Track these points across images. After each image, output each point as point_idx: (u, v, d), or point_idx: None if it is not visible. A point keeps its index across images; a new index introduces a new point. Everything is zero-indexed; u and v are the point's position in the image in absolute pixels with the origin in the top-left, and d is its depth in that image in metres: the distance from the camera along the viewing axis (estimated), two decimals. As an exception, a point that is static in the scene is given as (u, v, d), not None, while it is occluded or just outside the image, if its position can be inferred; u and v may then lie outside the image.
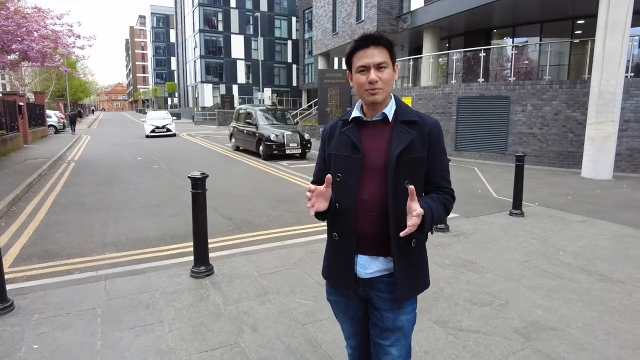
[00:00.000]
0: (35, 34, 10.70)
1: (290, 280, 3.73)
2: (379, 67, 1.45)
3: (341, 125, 1.59)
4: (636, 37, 11.89)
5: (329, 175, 1.44)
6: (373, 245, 1.51)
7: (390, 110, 1.52)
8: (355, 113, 1.55)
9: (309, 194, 1.44)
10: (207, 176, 3.75)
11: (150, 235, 5.27)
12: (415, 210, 1.34)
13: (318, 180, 1.67)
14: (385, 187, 1.46)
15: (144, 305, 3.28)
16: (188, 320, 3.06)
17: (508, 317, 3.13)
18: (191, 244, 3.98)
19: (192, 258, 3.95)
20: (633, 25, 10.22)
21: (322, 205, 1.47)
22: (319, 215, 1.51)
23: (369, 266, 1.53)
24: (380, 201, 1.47)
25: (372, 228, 1.49)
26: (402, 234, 1.36)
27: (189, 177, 3.69)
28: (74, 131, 25.52)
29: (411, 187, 1.36)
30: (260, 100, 39.81)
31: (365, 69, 1.46)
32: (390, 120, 1.52)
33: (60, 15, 11.79)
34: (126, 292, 3.51)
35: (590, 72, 10.29)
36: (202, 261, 3.83)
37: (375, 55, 1.45)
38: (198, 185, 3.66)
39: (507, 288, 3.66)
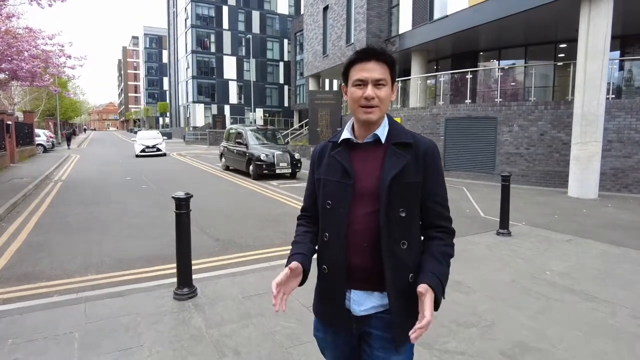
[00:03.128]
0: (26, 54, 10.72)
1: (274, 302, 3.68)
2: (377, 83, 1.35)
3: (330, 147, 1.48)
4: (616, 61, 12.29)
5: (292, 264, 1.36)
6: (366, 279, 1.38)
7: (383, 131, 1.41)
8: (346, 134, 1.44)
9: (274, 291, 1.32)
10: (191, 196, 3.73)
11: (135, 257, 5.18)
12: (424, 317, 1.23)
13: (307, 206, 1.61)
14: (377, 214, 1.34)
15: (124, 328, 3.20)
16: (169, 344, 2.99)
17: (494, 338, 3.11)
18: (176, 265, 3.92)
19: (176, 280, 3.88)
20: (613, 49, 10.59)
21: (295, 285, 1.40)
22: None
23: (363, 303, 1.40)
24: (373, 231, 1.35)
25: (365, 260, 1.36)
26: (412, 337, 1.23)
27: (172, 197, 3.66)
28: (69, 147, 30.14)
29: (419, 289, 1.26)
30: (252, 120, 40.04)
31: (362, 83, 1.36)
32: (382, 142, 1.40)
33: (51, 35, 11.85)
34: (106, 314, 3.42)
35: (573, 94, 10.57)
36: (185, 283, 3.77)
37: (375, 70, 1.35)
38: (182, 205, 3.63)
39: (494, 308, 3.64)
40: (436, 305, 1.30)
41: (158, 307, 3.58)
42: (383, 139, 1.40)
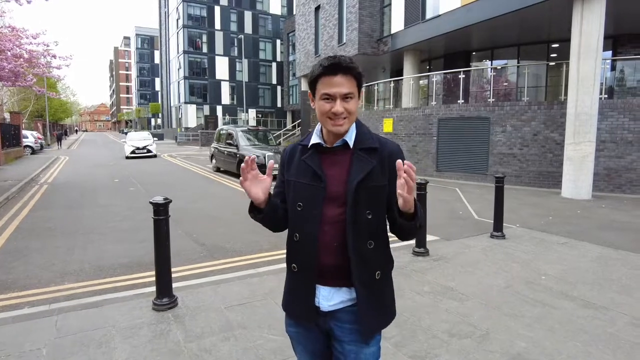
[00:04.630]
0: (8, 53, 10.42)
1: (259, 313, 3.49)
2: (345, 97, 1.36)
3: (300, 150, 1.51)
4: (608, 61, 12.25)
5: (271, 162, 1.41)
6: (335, 276, 1.43)
7: (351, 136, 1.44)
8: (315, 139, 1.47)
9: (244, 164, 1.38)
10: (170, 201, 3.53)
11: (117, 263, 4.97)
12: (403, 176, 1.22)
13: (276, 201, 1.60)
14: (345, 216, 1.39)
15: (96, 343, 3.00)
16: (143, 359, 2.79)
17: (489, 350, 2.95)
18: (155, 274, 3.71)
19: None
20: (605, 49, 10.52)
21: (257, 192, 1.42)
22: (254, 211, 1.48)
23: (332, 298, 1.44)
24: (342, 231, 1.40)
25: (335, 259, 1.41)
26: (402, 206, 1.29)
27: (150, 202, 3.47)
28: (60, 147, 32.57)
29: (398, 161, 1.24)
30: (244, 121, 39.77)
31: (330, 97, 1.36)
32: (351, 147, 1.44)
33: (35, 34, 11.55)
34: (79, 328, 3.22)
35: (566, 94, 10.49)
36: (165, 292, 3.57)
37: (342, 84, 1.35)
38: (160, 211, 3.43)
39: (488, 317, 3.48)
40: (414, 215, 1.33)
41: (135, 318, 3.38)
42: (351, 144, 1.43)
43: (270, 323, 3.30)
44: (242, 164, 1.39)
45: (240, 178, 1.41)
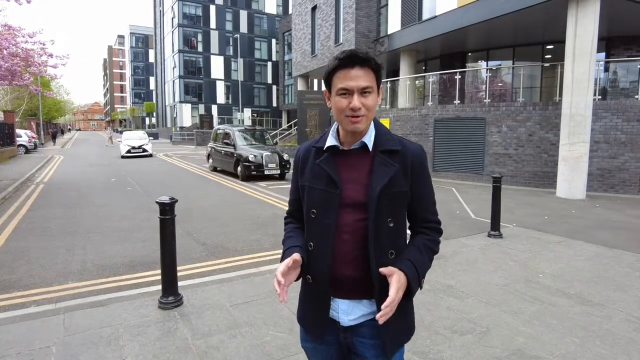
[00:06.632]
0: (5, 52, 10.37)
1: (264, 311, 3.55)
2: (363, 91, 1.26)
3: (315, 153, 1.41)
4: (602, 62, 12.43)
5: (296, 256, 1.29)
6: (355, 287, 1.34)
7: (370, 137, 1.35)
8: (331, 141, 1.37)
9: (277, 287, 1.25)
10: (176, 201, 3.57)
11: (119, 262, 5.00)
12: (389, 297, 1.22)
13: (293, 210, 1.54)
14: (365, 224, 1.30)
15: (105, 341, 3.04)
16: (153, 356, 2.84)
17: (490, 346, 3.03)
18: (160, 272, 3.76)
19: (161, 287, 3.72)
20: (598, 51, 10.68)
21: (294, 278, 1.34)
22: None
23: (352, 312, 1.36)
24: (361, 240, 1.31)
25: (353, 269, 1.32)
26: (377, 316, 1.21)
27: (156, 202, 3.51)
28: (55, 144, 35.04)
29: (383, 270, 1.24)
30: (239, 120, 39.74)
31: (347, 92, 1.27)
32: (370, 149, 1.34)
33: (32, 33, 11.50)
34: (87, 326, 3.25)
35: (561, 95, 10.64)
36: (170, 291, 3.61)
37: (360, 78, 1.26)
38: (166, 210, 3.47)
39: (488, 314, 3.57)
40: (409, 294, 1.30)
41: (142, 317, 3.43)
42: (370, 146, 1.34)
43: (275, 320, 3.36)
44: (276, 285, 1.25)
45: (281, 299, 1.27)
